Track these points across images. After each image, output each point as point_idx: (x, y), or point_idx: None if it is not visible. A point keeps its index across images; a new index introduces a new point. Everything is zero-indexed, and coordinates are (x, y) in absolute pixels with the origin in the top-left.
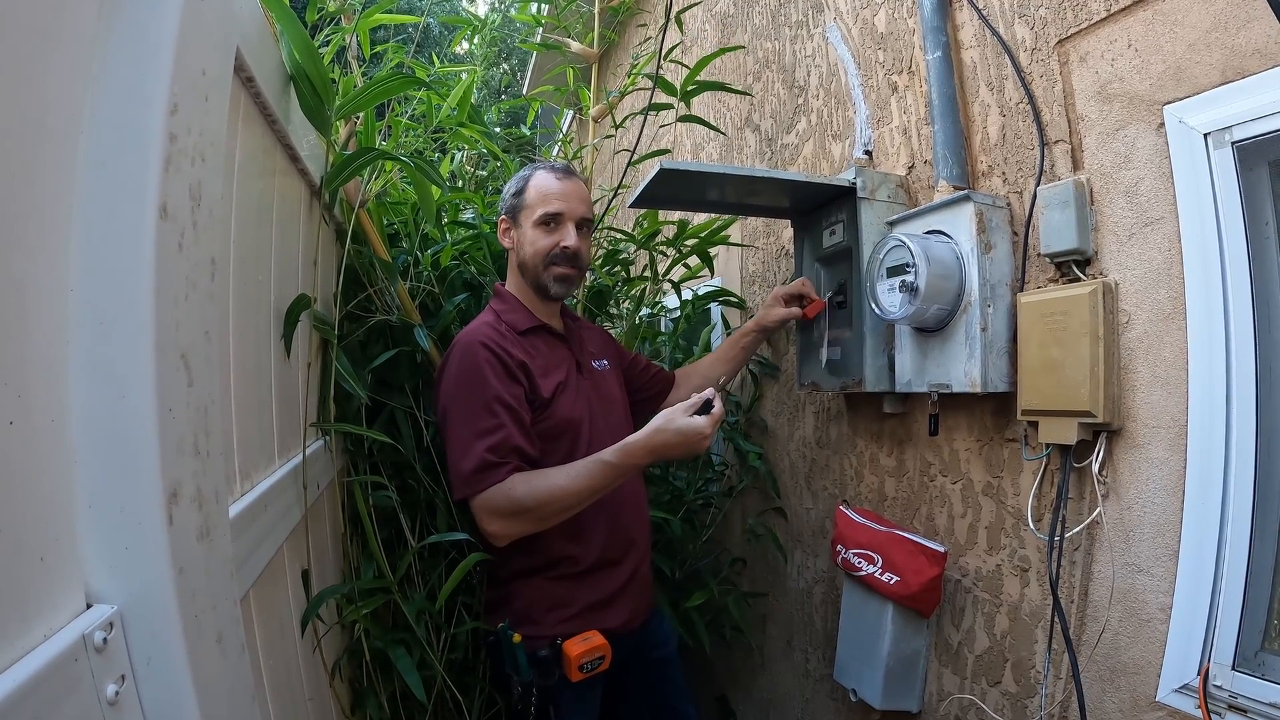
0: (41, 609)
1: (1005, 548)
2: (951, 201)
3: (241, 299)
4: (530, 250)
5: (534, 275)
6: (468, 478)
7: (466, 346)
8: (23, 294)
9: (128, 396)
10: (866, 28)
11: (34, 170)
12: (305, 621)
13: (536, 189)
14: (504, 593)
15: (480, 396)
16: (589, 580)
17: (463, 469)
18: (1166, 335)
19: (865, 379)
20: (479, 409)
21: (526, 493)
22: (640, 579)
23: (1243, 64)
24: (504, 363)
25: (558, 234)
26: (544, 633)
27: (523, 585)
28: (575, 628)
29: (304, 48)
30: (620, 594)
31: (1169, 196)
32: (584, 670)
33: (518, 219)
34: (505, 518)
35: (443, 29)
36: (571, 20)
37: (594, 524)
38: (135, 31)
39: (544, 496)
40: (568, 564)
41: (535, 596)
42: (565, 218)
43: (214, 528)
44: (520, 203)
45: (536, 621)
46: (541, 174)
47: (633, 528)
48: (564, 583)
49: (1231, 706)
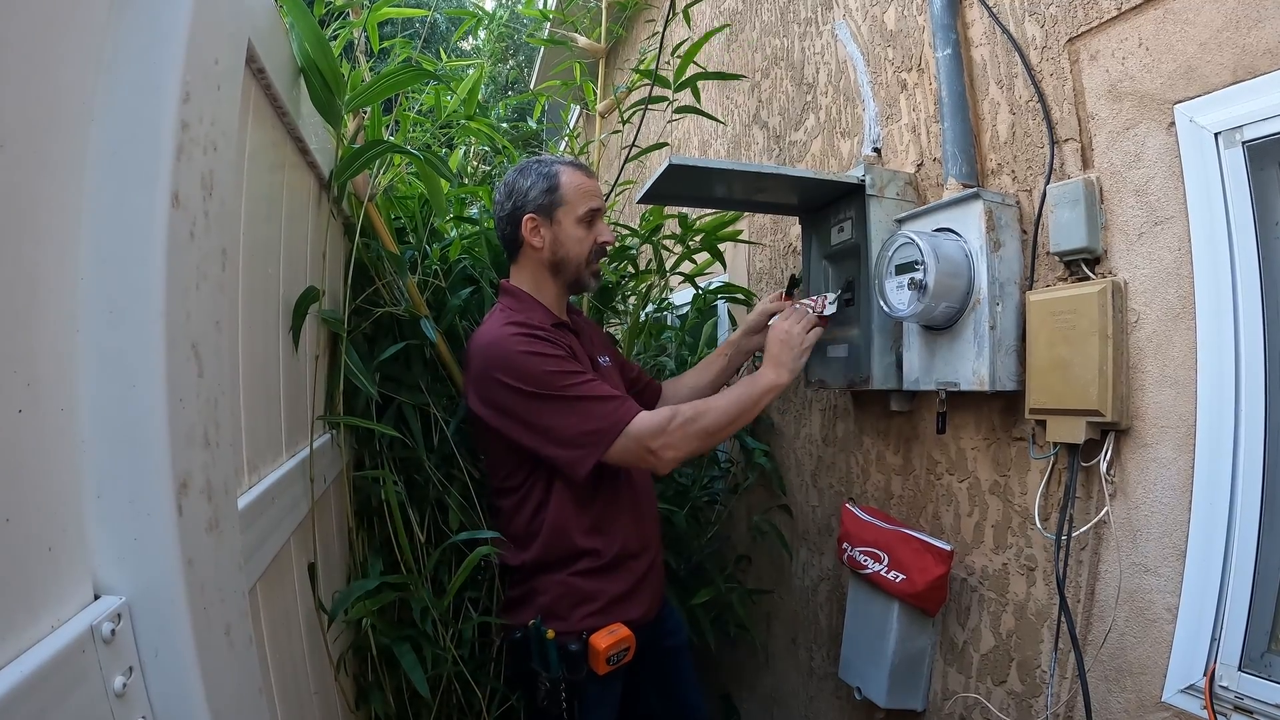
0: (49, 600)
1: (1012, 547)
2: (961, 199)
3: (250, 291)
4: (576, 248)
5: (575, 272)
6: (600, 430)
7: (505, 341)
8: (32, 283)
9: (138, 386)
10: (876, 25)
11: (44, 158)
12: (333, 616)
13: (574, 186)
14: (527, 589)
15: (550, 371)
16: (611, 574)
17: (587, 428)
18: (1175, 335)
19: (873, 377)
20: (558, 381)
21: (679, 408)
22: (656, 570)
23: (1254, 63)
24: (552, 342)
25: (596, 230)
26: (571, 628)
27: (547, 581)
28: (600, 621)
29: (315, 40)
30: (640, 585)
31: (1179, 196)
32: (610, 663)
33: (554, 217)
34: (666, 432)
35: (450, 25)
36: (578, 15)
37: (616, 518)
38: (148, 19)
39: (701, 406)
40: (591, 558)
41: (561, 592)
42: (600, 213)
43: (223, 519)
44: (556, 200)
45: (563, 617)
46: (569, 170)
47: (648, 520)
48: (588, 578)
49: (1237, 708)
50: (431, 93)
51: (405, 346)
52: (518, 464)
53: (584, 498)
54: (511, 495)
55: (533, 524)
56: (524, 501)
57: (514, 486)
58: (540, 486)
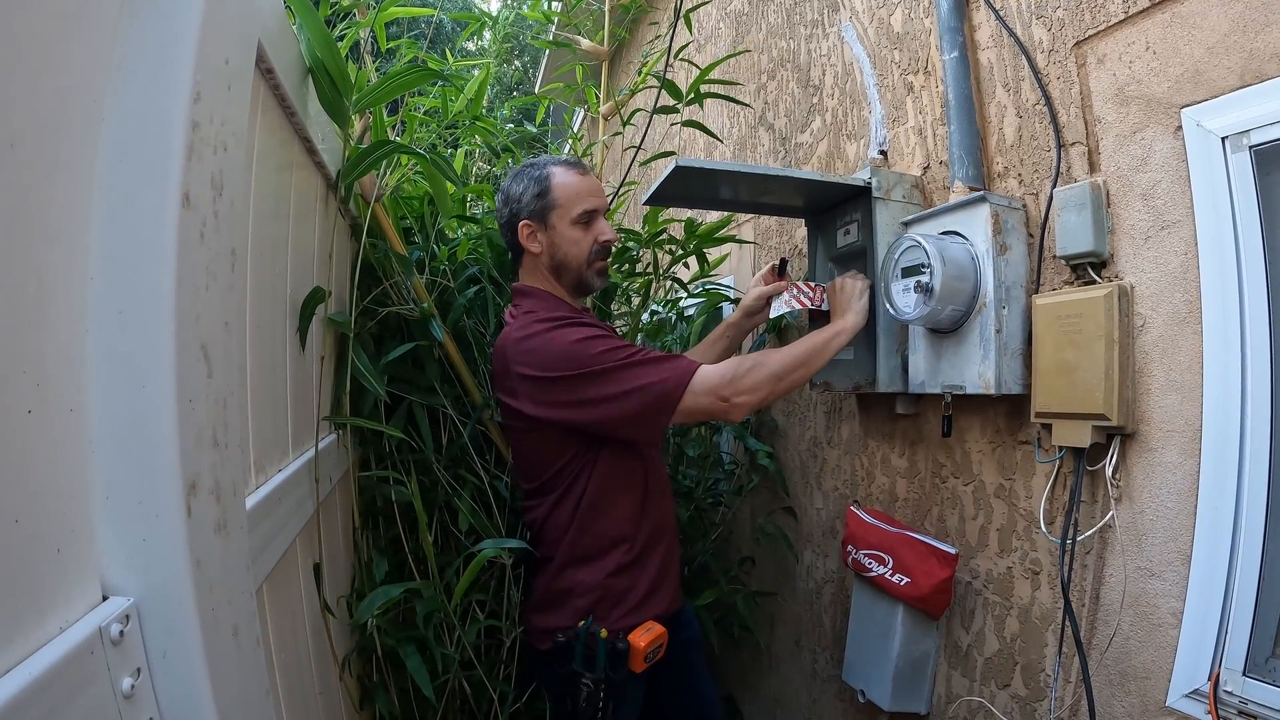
0: (57, 601)
1: (1017, 550)
2: (967, 202)
3: (259, 291)
4: (574, 251)
5: (576, 275)
6: (668, 389)
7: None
8: (42, 283)
9: (148, 387)
10: (882, 27)
11: (55, 158)
12: (362, 619)
13: (564, 188)
14: (562, 590)
15: (602, 350)
16: (640, 567)
17: (655, 389)
18: (1182, 339)
19: (878, 379)
20: (614, 355)
21: (742, 358)
22: (675, 559)
23: (1261, 67)
24: (592, 325)
25: (594, 229)
26: (611, 627)
27: (584, 583)
28: (636, 619)
29: (323, 41)
30: (664, 575)
31: (1186, 200)
32: (648, 660)
33: (547, 221)
34: (736, 378)
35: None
36: (582, 18)
37: (652, 499)
38: (158, 19)
39: (764, 354)
40: (624, 550)
41: (600, 595)
42: (598, 212)
43: (231, 520)
44: (548, 204)
45: (603, 618)
46: (560, 171)
47: (667, 506)
48: (621, 575)
49: (1242, 713)
50: (438, 94)
51: (415, 347)
52: (563, 457)
53: (626, 482)
54: (550, 494)
55: (572, 517)
56: (565, 497)
57: (554, 484)
58: (584, 477)
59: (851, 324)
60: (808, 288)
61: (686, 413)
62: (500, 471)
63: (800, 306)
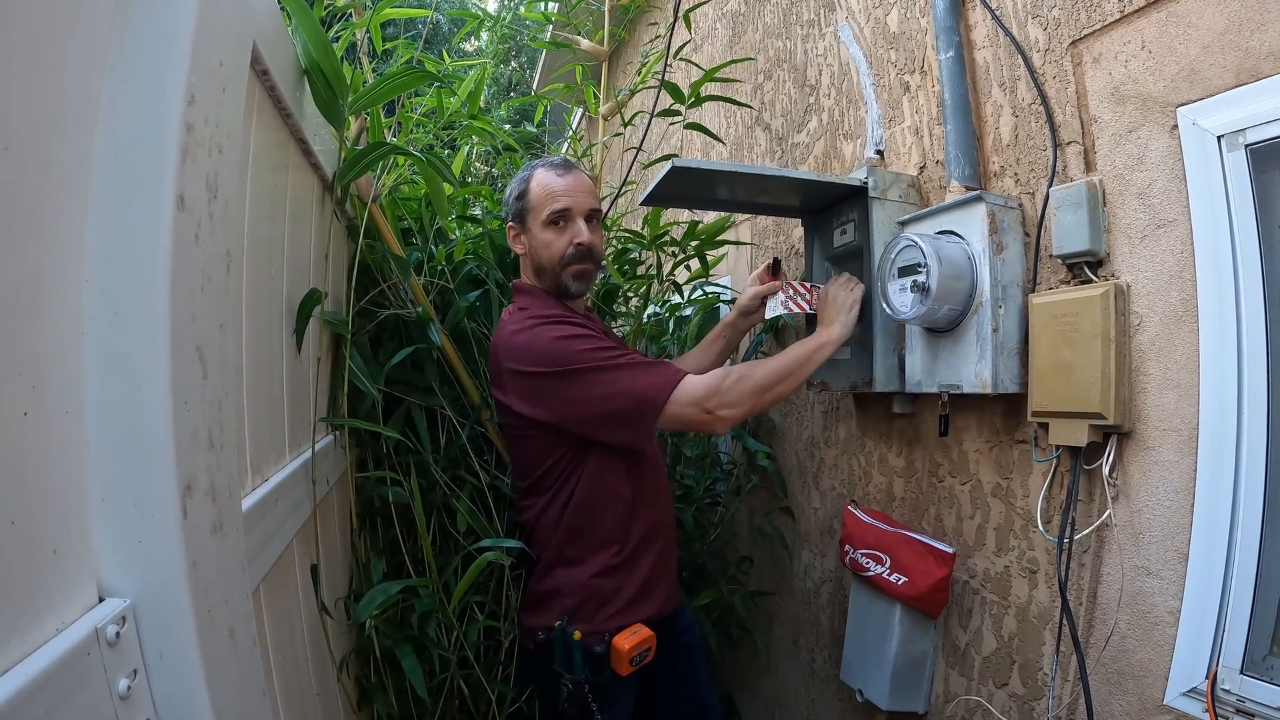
0: (54, 602)
1: (1014, 549)
2: (963, 202)
3: (254, 293)
4: (545, 253)
5: (553, 278)
6: (651, 396)
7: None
8: (37, 285)
9: (143, 389)
10: (879, 27)
11: (49, 160)
12: (362, 619)
13: (538, 189)
14: (550, 590)
15: (587, 349)
16: (629, 569)
17: (638, 394)
18: (1178, 338)
19: (875, 379)
20: (598, 356)
21: (729, 369)
22: (670, 562)
23: (1257, 66)
24: (581, 325)
25: (569, 231)
26: (595, 629)
27: (570, 584)
28: (623, 621)
29: (319, 42)
30: (657, 578)
31: (1182, 199)
32: (634, 664)
33: (525, 222)
34: (721, 391)
35: (452, 26)
36: (581, 18)
37: (635, 508)
38: (152, 21)
39: (750, 365)
40: (612, 551)
41: (585, 596)
42: (573, 213)
43: (227, 521)
44: (525, 205)
45: (588, 619)
46: (540, 172)
47: (663, 508)
48: (609, 577)
49: (1239, 711)
50: (434, 95)
51: (414, 350)
52: (552, 456)
53: (617, 484)
54: (542, 494)
55: (561, 517)
56: (555, 497)
57: (544, 484)
58: (574, 476)
59: (836, 336)
60: (803, 288)
61: (669, 422)
62: (500, 472)
63: (796, 310)
